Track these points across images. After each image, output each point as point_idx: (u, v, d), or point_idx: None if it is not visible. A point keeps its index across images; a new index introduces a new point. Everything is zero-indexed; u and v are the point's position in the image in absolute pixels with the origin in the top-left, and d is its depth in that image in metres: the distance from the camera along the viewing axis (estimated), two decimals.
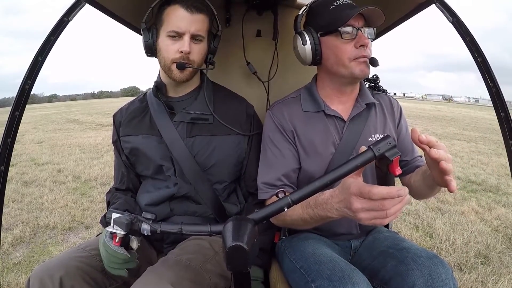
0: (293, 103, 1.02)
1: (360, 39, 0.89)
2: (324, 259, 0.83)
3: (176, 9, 0.91)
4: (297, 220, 0.83)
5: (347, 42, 0.90)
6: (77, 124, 11.83)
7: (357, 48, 0.89)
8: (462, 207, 3.19)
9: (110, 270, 0.77)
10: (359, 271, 0.77)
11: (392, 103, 1.07)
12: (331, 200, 0.69)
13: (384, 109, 1.04)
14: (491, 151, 6.50)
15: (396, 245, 0.89)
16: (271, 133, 1.00)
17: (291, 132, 0.98)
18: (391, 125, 1.03)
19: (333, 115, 0.97)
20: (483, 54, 0.83)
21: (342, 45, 0.91)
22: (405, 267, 0.79)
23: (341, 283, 0.72)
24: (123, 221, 0.68)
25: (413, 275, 0.76)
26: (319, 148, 0.96)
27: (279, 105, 1.03)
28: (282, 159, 0.97)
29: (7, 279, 1.96)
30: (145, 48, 0.96)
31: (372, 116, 1.00)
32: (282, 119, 0.99)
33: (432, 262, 0.77)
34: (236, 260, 0.58)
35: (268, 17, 1.44)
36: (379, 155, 0.55)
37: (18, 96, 0.81)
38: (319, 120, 0.98)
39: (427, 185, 0.85)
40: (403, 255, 0.83)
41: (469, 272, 2.05)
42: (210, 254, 0.93)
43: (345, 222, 1.00)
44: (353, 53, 0.90)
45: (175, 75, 0.95)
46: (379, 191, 0.57)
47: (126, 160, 1.07)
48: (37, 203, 3.31)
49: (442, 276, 0.74)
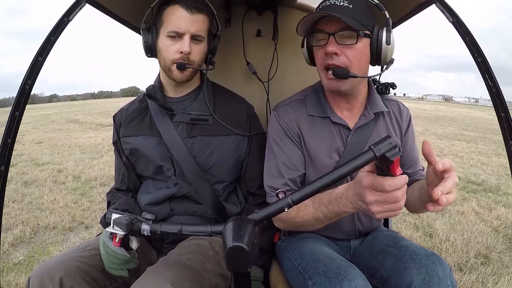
0: (298, 105, 0.98)
1: (326, 47, 0.81)
2: (321, 257, 0.83)
3: (176, 9, 0.90)
4: (308, 221, 0.83)
5: (318, 48, 0.85)
6: (77, 124, 11.83)
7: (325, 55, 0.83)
8: (462, 207, 3.18)
9: (111, 270, 0.77)
10: (355, 267, 0.77)
11: (402, 111, 1.00)
12: (346, 194, 0.70)
13: (392, 117, 0.99)
14: (491, 151, 6.50)
15: (395, 243, 0.89)
16: (277, 135, 0.96)
17: (297, 136, 0.95)
18: (398, 134, 0.99)
19: (339, 122, 0.93)
20: (483, 54, 0.82)
21: (316, 51, 0.86)
22: (403, 265, 0.79)
23: (337, 279, 0.72)
24: (122, 222, 0.68)
25: (411, 272, 0.76)
26: (323, 154, 0.94)
27: (285, 106, 0.99)
28: (290, 164, 0.94)
29: (7, 279, 1.96)
30: (145, 49, 0.96)
31: (378, 125, 0.95)
32: (288, 121, 0.95)
33: (430, 260, 0.77)
34: (236, 260, 0.58)
35: (268, 17, 1.44)
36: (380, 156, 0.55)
37: (18, 96, 0.81)
38: (325, 125, 0.94)
39: (421, 201, 0.80)
40: (401, 253, 0.83)
41: (469, 272, 2.05)
42: (210, 254, 0.93)
43: (345, 226, 0.99)
44: (321, 61, 0.84)
45: (175, 76, 0.95)
46: (392, 183, 0.58)
47: (127, 160, 1.07)
48: (37, 203, 3.31)
49: (439, 274, 0.74)
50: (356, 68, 0.83)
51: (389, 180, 0.58)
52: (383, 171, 0.59)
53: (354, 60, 0.82)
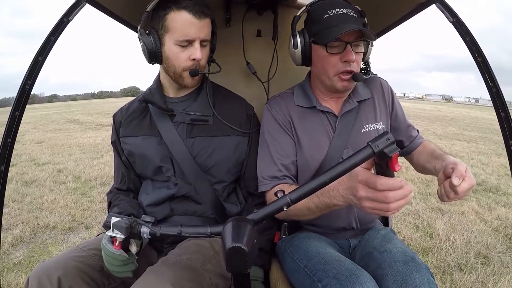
0: (288, 97, 1.05)
1: (347, 55, 0.89)
2: (328, 259, 0.83)
3: (182, 15, 0.87)
4: (301, 210, 0.84)
5: (333, 55, 0.91)
6: (77, 124, 11.83)
7: (342, 62, 0.90)
8: (462, 207, 3.18)
9: (114, 273, 0.77)
10: (364, 270, 0.77)
11: (383, 86, 1.07)
12: (338, 187, 0.71)
13: (375, 98, 1.05)
14: (491, 151, 6.49)
15: (381, 246, 0.88)
16: (269, 126, 1.02)
17: (288, 124, 1.01)
18: (383, 112, 1.05)
19: (325, 110, 1.00)
20: (483, 54, 0.82)
21: (328, 57, 0.92)
22: (381, 272, 0.79)
23: (348, 282, 0.73)
24: (122, 225, 0.69)
25: (387, 280, 0.76)
26: (315, 141, 0.99)
27: (276, 98, 1.07)
28: (281, 151, 0.99)
29: (7, 279, 1.96)
30: (149, 56, 0.92)
31: (363, 109, 1.02)
32: (279, 111, 1.02)
33: (407, 267, 0.77)
34: (235, 261, 0.58)
35: (268, 17, 1.44)
36: (378, 152, 0.55)
37: (18, 96, 0.81)
38: (313, 114, 1.01)
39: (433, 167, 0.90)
40: (382, 258, 0.83)
41: (469, 272, 2.05)
42: (210, 254, 0.93)
43: (344, 215, 1.00)
44: (338, 67, 0.91)
45: (187, 82, 0.95)
46: (384, 182, 0.59)
47: (126, 160, 1.07)
48: (37, 203, 3.31)
49: (416, 281, 0.74)
50: (358, 70, 0.94)
51: (383, 180, 0.59)
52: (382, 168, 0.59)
53: (359, 65, 0.95)
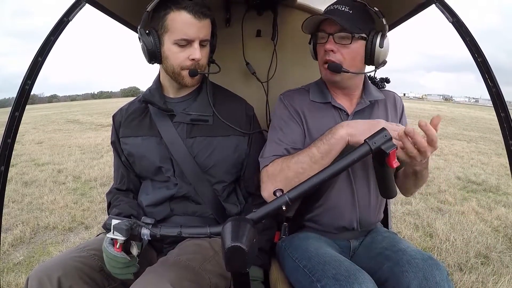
0: (303, 93, 1.08)
1: (326, 44, 0.94)
2: (328, 259, 0.83)
3: (182, 15, 0.87)
4: (302, 163, 0.87)
5: (320, 45, 0.98)
6: (77, 125, 11.83)
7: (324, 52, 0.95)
8: (462, 207, 3.18)
9: (116, 275, 0.78)
10: (363, 271, 0.78)
11: (396, 100, 1.10)
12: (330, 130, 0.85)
13: (388, 105, 1.07)
14: (491, 151, 6.50)
15: (393, 246, 0.89)
16: (280, 114, 1.04)
17: (300, 115, 1.02)
18: (393, 120, 1.05)
19: (339, 107, 1.02)
20: (483, 54, 0.82)
21: (318, 48, 1.00)
22: (400, 269, 0.79)
23: (347, 282, 0.73)
24: (122, 227, 0.69)
25: (408, 276, 0.76)
26: None
27: (291, 91, 1.09)
28: (291, 133, 1.00)
29: (7, 279, 1.96)
30: (149, 56, 0.92)
31: (375, 111, 1.03)
32: (292, 102, 1.04)
33: (427, 264, 0.77)
34: (235, 260, 0.58)
35: (268, 17, 1.44)
36: (375, 149, 0.55)
37: (18, 96, 0.81)
38: (326, 110, 1.02)
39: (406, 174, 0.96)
40: (398, 256, 0.83)
41: (469, 272, 2.05)
42: (210, 254, 0.93)
43: (347, 214, 1.00)
44: (321, 57, 0.97)
45: (186, 81, 0.95)
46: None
47: (126, 160, 1.07)
48: (37, 203, 3.31)
49: (436, 278, 0.74)
50: (348, 64, 0.93)
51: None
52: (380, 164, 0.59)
53: (348, 58, 0.94)
